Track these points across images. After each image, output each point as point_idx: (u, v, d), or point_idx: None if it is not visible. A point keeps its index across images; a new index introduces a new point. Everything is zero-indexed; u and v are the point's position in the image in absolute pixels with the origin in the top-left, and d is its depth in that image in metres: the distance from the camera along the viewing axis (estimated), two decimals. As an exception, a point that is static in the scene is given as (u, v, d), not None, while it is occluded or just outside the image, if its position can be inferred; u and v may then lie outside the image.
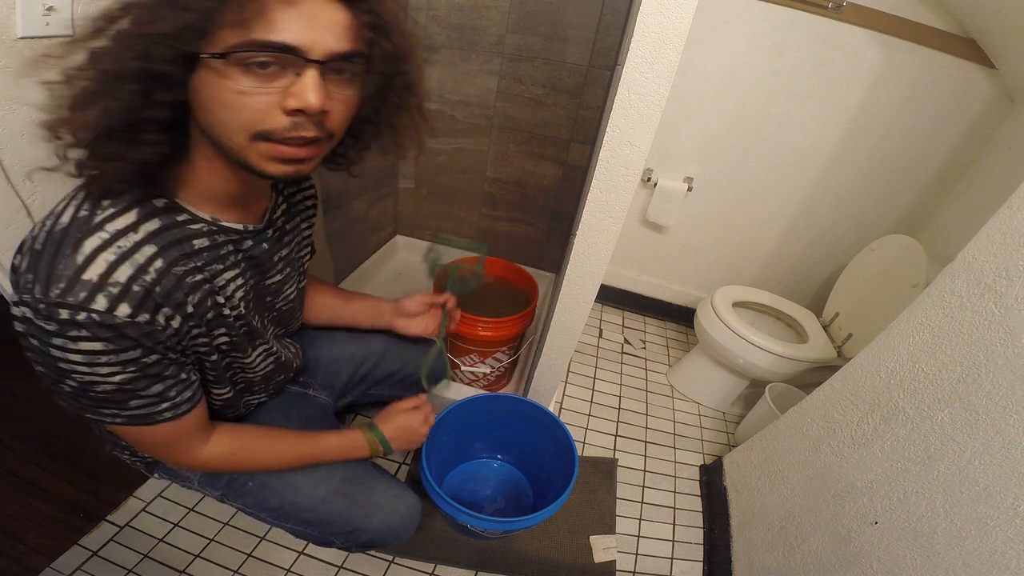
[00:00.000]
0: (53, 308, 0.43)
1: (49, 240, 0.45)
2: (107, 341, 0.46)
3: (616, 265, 1.92)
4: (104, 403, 0.51)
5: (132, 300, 0.46)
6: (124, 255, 0.46)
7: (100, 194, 0.48)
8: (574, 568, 1.09)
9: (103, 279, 0.45)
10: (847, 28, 1.30)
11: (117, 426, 0.55)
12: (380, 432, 0.81)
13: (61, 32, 0.63)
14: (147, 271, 0.47)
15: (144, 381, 0.51)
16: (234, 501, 0.75)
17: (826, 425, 0.92)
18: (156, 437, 0.57)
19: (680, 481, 1.36)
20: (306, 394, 0.89)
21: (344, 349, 0.95)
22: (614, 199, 0.84)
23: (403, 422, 0.83)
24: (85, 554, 0.95)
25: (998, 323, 0.63)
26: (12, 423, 1.16)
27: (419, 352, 1.00)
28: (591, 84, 1.46)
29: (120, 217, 0.47)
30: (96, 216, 0.46)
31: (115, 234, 0.46)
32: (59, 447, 1.12)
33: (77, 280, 0.44)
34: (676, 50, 0.69)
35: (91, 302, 0.44)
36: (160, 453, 0.63)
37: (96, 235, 0.45)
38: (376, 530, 0.75)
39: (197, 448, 0.63)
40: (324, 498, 0.74)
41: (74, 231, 0.45)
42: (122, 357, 0.48)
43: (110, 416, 0.53)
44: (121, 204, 0.48)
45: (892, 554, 0.72)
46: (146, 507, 1.05)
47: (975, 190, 1.40)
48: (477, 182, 1.77)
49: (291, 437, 0.74)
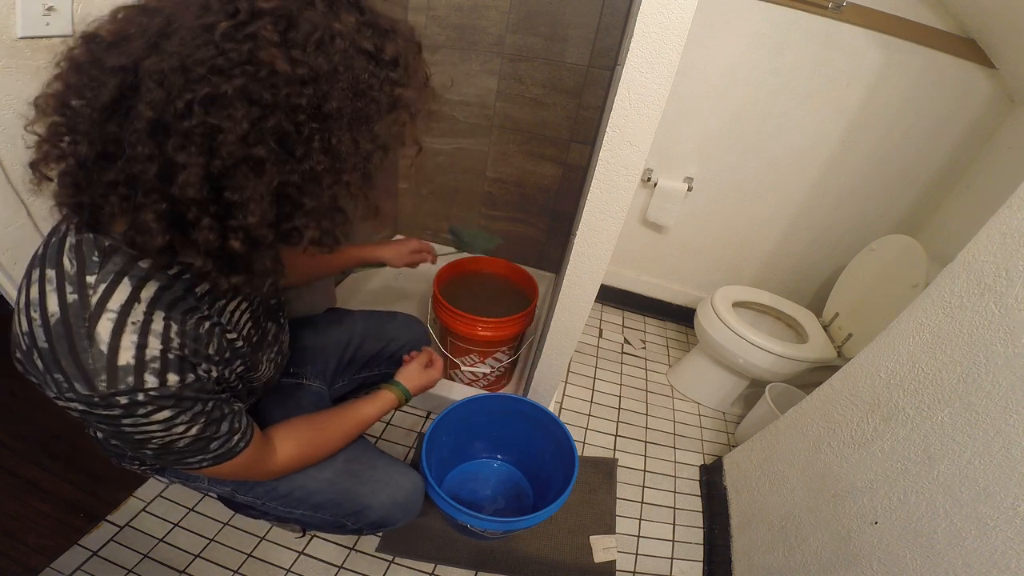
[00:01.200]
0: (111, 398, 0.44)
1: (53, 337, 0.43)
2: (172, 407, 0.47)
3: (616, 265, 1.92)
4: (188, 454, 0.53)
5: (174, 368, 0.47)
6: (143, 330, 0.45)
7: (74, 260, 0.44)
8: (574, 568, 1.09)
9: (140, 360, 0.44)
10: (847, 28, 1.30)
11: (205, 470, 0.57)
12: (397, 382, 0.86)
13: (61, 32, 0.63)
14: (171, 338, 0.47)
15: (214, 426, 0.53)
16: (245, 495, 0.76)
17: (826, 425, 0.92)
18: (239, 467, 0.59)
19: (680, 481, 1.36)
20: (300, 384, 0.90)
21: (329, 335, 0.97)
22: (614, 199, 0.84)
23: (412, 369, 0.90)
24: (85, 554, 0.95)
25: (998, 323, 0.63)
26: (12, 423, 1.16)
27: (396, 327, 1.04)
28: (591, 84, 1.46)
29: (116, 292, 0.44)
30: (90, 297, 0.44)
31: (121, 311, 0.44)
32: (59, 447, 1.12)
33: (116, 368, 0.43)
34: (676, 50, 0.69)
35: (142, 384, 0.44)
36: (247, 477, 0.65)
37: (104, 318, 0.44)
38: (383, 505, 0.77)
39: (271, 459, 0.65)
40: (331, 479, 0.75)
41: (76, 320, 0.43)
42: (191, 414, 0.50)
43: (196, 463, 0.55)
44: (107, 277, 0.44)
45: (892, 554, 0.72)
46: (146, 507, 1.05)
47: (975, 190, 1.40)
48: (477, 182, 1.77)
49: (335, 415, 0.77)
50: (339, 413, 0.77)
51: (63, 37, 0.64)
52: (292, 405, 0.84)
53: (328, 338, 0.96)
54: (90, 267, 0.44)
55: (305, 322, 0.97)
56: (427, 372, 0.91)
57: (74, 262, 0.45)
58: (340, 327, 0.99)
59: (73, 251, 0.45)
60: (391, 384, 0.86)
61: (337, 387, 0.99)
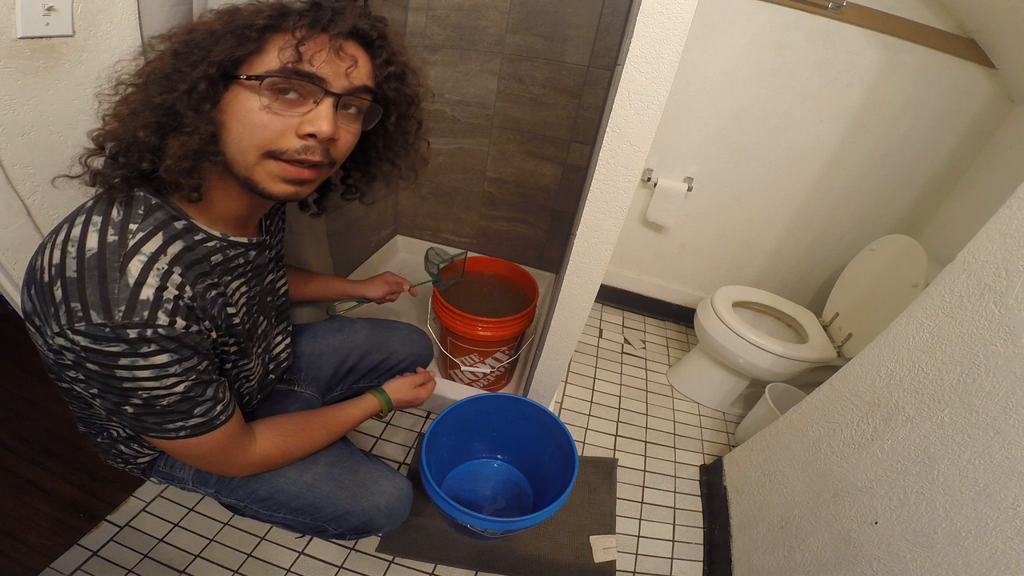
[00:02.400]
0: (121, 330, 0.45)
1: (86, 267, 0.46)
2: (172, 352, 0.49)
3: (616, 265, 1.92)
4: (170, 416, 0.53)
5: (183, 313, 0.50)
6: (164, 275, 0.49)
7: (123, 210, 0.50)
8: (574, 568, 1.09)
9: (158, 297, 0.48)
10: (847, 28, 1.30)
11: (182, 442, 0.56)
12: (383, 390, 0.88)
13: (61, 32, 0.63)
14: (184, 290, 0.51)
15: (201, 387, 0.54)
16: (227, 496, 0.76)
17: (826, 425, 0.92)
18: (216, 445, 0.59)
19: (680, 481, 1.36)
20: (291, 391, 0.89)
21: (326, 342, 0.96)
22: (614, 199, 0.84)
23: (403, 383, 0.92)
24: (85, 554, 0.95)
25: (998, 323, 0.63)
26: (12, 423, 1.16)
27: (400, 339, 1.03)
28: (591, 84, 1.46)
29: (150, 240, 0.49)
30: (128, 240, 0.48)
31: (151, 256, 0.49)
32: (59, 447, 1.13)
33: (137, 300, 0.46)
34: (676, 50, 0.69)
35: (155, 319, 0.47)
36: (221, 462, 0.64)
37: (136, 258, 0.48)
38: (365, 511, 0.76)
39: (250, 447, 0.65)
40: (311, 483, 0.74)
41: (112, 255, 0.47)
42: (184, 366, 0.51)
43: (175, 430, 0.55)
44: (147, 228, 0.50)
45: (892, 554, 0.72)
46: (146, 507, 1.05)
47: (975, 190, 1.40)
48: (477, 182, 1.77)
49: (320, 415, 0.77)
50: (322, 412, 0.78)
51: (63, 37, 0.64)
52: (280, 410, 0.82)
53: (325, 346, 0.95)
54: (135, 217, 0.50)
55: (304, 328, 0.96)
56: (416, 391, 0.92)
57: (121, 212, 0.50)
58: (340, 336, 0.97)
59: (123, 204, 0.50)
60: (377, 391, 0.87)
61: (331, 396, 0.98)
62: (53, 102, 0.65)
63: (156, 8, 0.72)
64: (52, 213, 0.70)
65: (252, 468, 0.68)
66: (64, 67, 0.65)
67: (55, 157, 0.67)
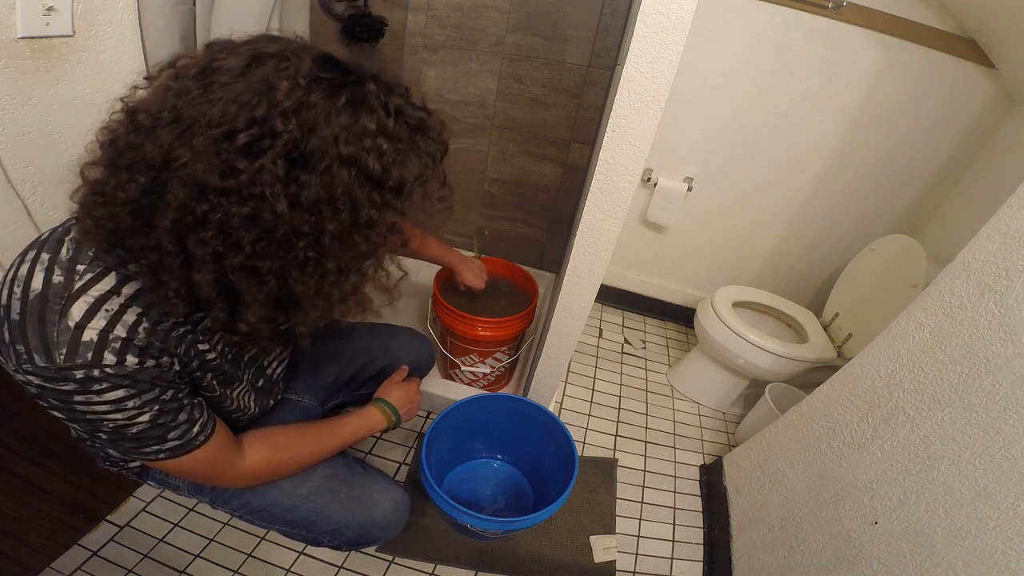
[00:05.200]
0: (67, 371, 0.45)
1: (27, 309, 0.45)
2: (127, 387, 0.48)
3: (616, 265, 1.92)
4: (143, 442, 0.53)
5: (134, 351, 0.48)
6: (113, 318, 0.47)
7: (72, 249, 0.47)
8: (574, 568, 1.09)
9: (103, 339, 0.46)
10: (847, 28, 1.30)
11: (163, 462, 0.56)
12: (388, 402, 0.84)
13: (61, 32, 0.63)
14: (137, 331, 0.48)
15: (170, 415, 0.53)
16: (222, 506, 0.75)
17: (826, 425, 0.92)
18: (201, 463, 0.58)
19: (680, 481, 1.36)
20: (287, 399, 0.86)
21: (327, 349, 0.94)
22: (614, 199, 0.84)
23: (402, 391, 0.89)
24: (85, 554, 0.95)
25: (998, 323, 0.63)
26: (12, 423, 1.16)
27: (401, 345, 1.02)
28: (591, 84, 1.46)
29: (101, 281, 0.47)
30: (74, 282, 0.46)
31: (99, 299, 0.46)
32: (59, 447, 1.12)
33: (78, 343, 0.45)
34: (676, 50, 0.69)
35: (100, 360, 0.45)
36: (210, 478, 0.63)
37: (81, 300, 0.45)
38: (361, 525, 0.75)
39: (239, 462, 0.64)
40: (305, 496, 0.73)
41: (54, 297, 0.45)
42: (144, 398, 0.50)
43: (153, 453, 0.54)
44: (96, 269, 0.47)
45: (892, 554, 0.72)
46: (146, 507, 1.05)
47: (975, 190, 1.40)
48: (477, 182, 1.77)
49: (316, 428, 0.75)
50: (319, 426, 0.75)
51: (63, 37, 0.64)
52: (276, 420, 0.81)
53: (325, 352, 0.93)
54: (83, 257, 0.47)
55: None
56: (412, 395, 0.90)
57: (71, 251, 0.47)
58: (340, 342, 0.95)
59: (74, 242, 0.48)
60: (382, 404, 0.85)
61: (331, 404, 0.97)
62: (53, 102, 0.66)
63: (156, 8, 0.72)
64: (52, 213, 0.70)
65: (243, 482, 0.66)
66: (64, 67, 0.65)
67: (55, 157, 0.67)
